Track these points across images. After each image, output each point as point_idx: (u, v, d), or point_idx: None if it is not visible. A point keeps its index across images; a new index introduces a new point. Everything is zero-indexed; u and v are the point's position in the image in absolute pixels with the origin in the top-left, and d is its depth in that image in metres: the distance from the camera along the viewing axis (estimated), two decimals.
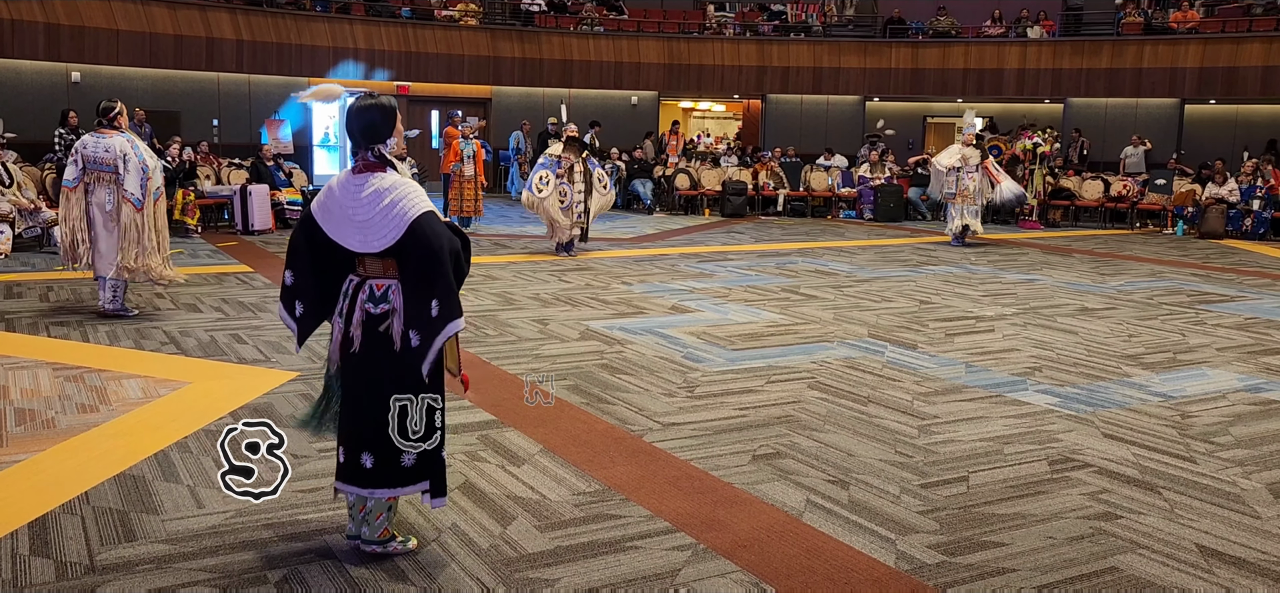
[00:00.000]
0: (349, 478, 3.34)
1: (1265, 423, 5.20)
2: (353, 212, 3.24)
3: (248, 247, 11.59)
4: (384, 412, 3.27)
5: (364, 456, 3.29)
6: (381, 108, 3.32)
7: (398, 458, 3.29)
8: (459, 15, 19.99)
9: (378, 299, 3.27)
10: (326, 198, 3.34)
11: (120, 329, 6.91)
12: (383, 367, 3.26)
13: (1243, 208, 14.81)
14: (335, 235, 3.30)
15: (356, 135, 3.30)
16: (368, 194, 3.22)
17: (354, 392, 3.33)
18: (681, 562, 3.42)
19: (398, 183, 3.24)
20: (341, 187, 3.30)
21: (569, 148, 11.07)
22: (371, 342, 3.27)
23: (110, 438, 4.57)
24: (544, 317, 7.61)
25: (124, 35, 16.55)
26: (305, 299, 3.41)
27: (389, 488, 3.31)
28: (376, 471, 3.29)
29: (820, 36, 21.33)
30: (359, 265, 3.33)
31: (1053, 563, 3.47)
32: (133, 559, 3.32)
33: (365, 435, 3.30)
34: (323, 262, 3.38)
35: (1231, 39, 18.59)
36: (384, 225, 3.19)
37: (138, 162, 7.07)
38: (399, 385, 3.25)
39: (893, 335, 7.22)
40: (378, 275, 3.29)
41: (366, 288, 3.29)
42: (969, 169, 12.93)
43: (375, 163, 3.29)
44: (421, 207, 3.21)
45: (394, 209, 3.18)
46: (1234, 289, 9.77)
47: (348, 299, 3.33)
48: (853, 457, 4.53)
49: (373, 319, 3.27)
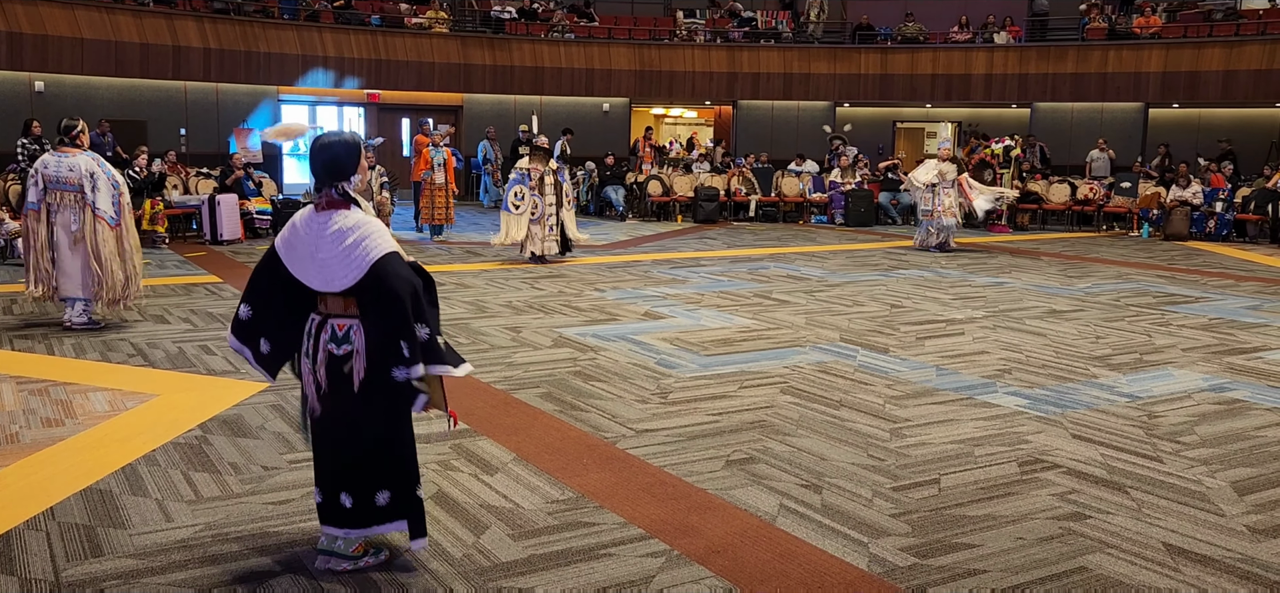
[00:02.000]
0: (330, 520, 3.33)
1: (1229, 422, 5.28)
2: (315, 249, 3.22)
3: (216, 257, 11.48)
4: (354, 451, 3.26)
5: (343, 495, 3.29)
6: (345, 144, 3.30)
7: (373, 498, 3.28)
8: (429, 23, 19.92)
9: (340, 340, 3.25)
10: (290, 234, 3.31)
11: (86, 341, 6.81)
12: (350, 407, 3.24)
13: (1206, 210, 15.03)
14: (298, 273, 3.28)
15: (319, 172, 3.27)
16: (331, 233, 3.20)
17: (324, 432, 3.32)
18: (655, 568, 3.42)
19: (361, 222, 3.22)
20: (305, 223, 3.28)
21: (536, 158, 11.08)
22: (337, 383, 3.25)
23: (76, 452, 4.51)
24: (516, 324, 7.59)
25: (88, 44, 16.34)
26: (270, 337, 3.39)
27: (367, 527, 3.32)
28: (355, 510, 3.29)
29: (790, 43, 21.45)
30: (320, 303, 3.30)
31: (1023, 564, 3.51)
32: (99, 575, 3.28)
33: (340, 475, 3.29)
34: (288, 298, 3.35)
35: (1193, 44, 18.89)
36: (345, 265, 3.17)
37: (107, 178, 6.97)
38: (363, 425, 3.24)
39: (864, 340, 7.26)
40: (339, 314, 3.26)
41: (329, 327, 3.27)
42: (946, 184, 13.00)
43: (339, 200, 3.26)
44: (384, 248, 3.18)
45: (356, 250, 3.16)
46: (1198, 290, 9.92)
47: (311, 339, 3.30)
48: (825, 461, 4.55)
49: (336, 360, 3.25)
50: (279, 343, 3.41)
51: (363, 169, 3.36)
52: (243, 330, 3.40)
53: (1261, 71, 18.05)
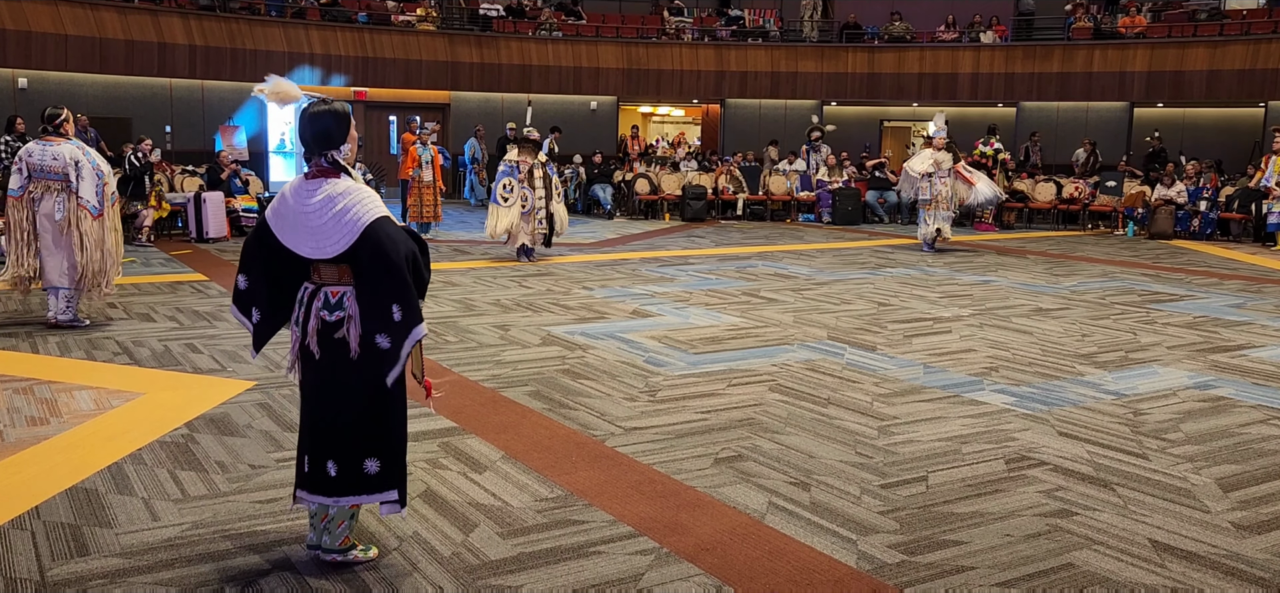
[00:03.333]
0: (313, 486, 3.30)
1: (1214, 419, 5.32)
2: (306, 217, 3.21)
3: (202, 255, 11.42)
4: (346, 418, 3.25)
5: (329, 463, 3.26)
6: (335, 113, 3.29)
7: (361, 465, 3.26)
8: (417, 20, 19.86)
9: (333, 306, 3.24)
10: (280, 204, 3.31)
11: (71, 340, 6.77)
12: (342, 373, 3.23)
13: (1190, 209, 15.13)
14: (288, 242, 3.27)
15: (310, 141, 3.27)
16: (320, 199, 3.19)
17: (315, 399, 3.30)
18: (644, 566, 3.42)
19: (351, 188, 3.22)
20: (295, 192, 3.27)
21: (525, 150, 11.04)
22: (329, 349, 3.24)
23: (61, 451, 4.48)
24: (505, 322, 7.58)
25: (72, 40, 16.23)
26: (261, 306, 3.39)
27: (354, 495, 3.28)
28: (341, 478, 3.26)
29: (778, 42, 21.49)
30: (313, 272, 3.30)
31: (1010, 560, 3.52)
32: (85, 574, 3.26)
33: (329, 443, 3.27)
34: (278, 268, 3.35)
35: (1177, 44, 19.01)
36: (337, 231, 3.16)
37: (92, 168, 6.92)
38: (357, 391, 3.23)
39: (852, 337, 7.28)
40: (333, 282, 3.26)
41: (321, 295, 3.26)
42: (941, 174, 12.69)
43: (328, 168, 3.26)
44: (375, 212, 3.18)
45: (347, 215, 3.15)
46: (1183, 288, 9.98)
47: (303, 307, 3.29)
48: (813, 458, 4.56)
49: (329, 326, 3.24)
50: (269, 313, 3.40)
51: (352, 138, 3.35)
52: (242, 300, 3.41)
53: (1245, 71, 18.18)
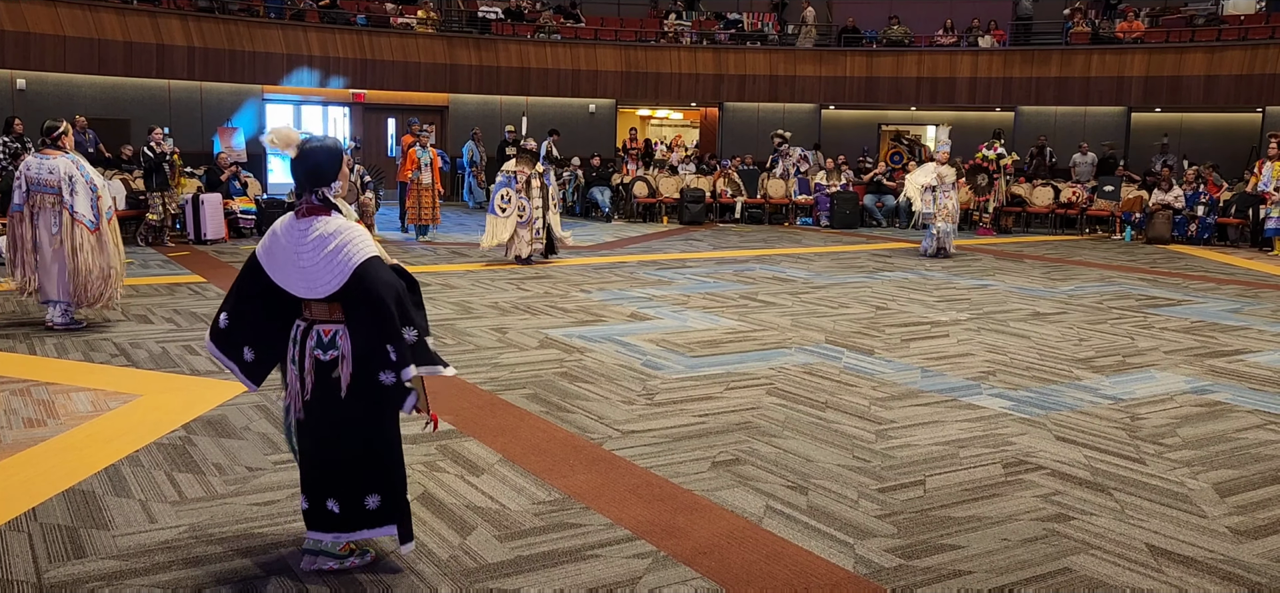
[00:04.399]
0: (318, 525, 3.31)
1: (1211, 424, 5.32)
2: (297, 256, 3.21)
3: (200, 256, 11.41)
4: (342, 455, 3.25)
5: (330, 501, 3.28)
6: (327, 150, 3.27)
7: (363, 501, 3.27)
8: (417, 23, 19.86)
9: (326, 345, 3.24)
10: (271, 241, 3.30)
11: (68, 342, 6.77)
12: (336, 411, 3.23)
13: (1188, 214, 15.15)
14: (280, 280, 3.26)
15: (301, 178, 3.25)
16: (313, 239, 3.19)
17: (312, 438, 3.30)
18: (642, 569, 3.42)
19: (343, 227, 3.21)
20: (286, 230, 3.26)
21: (522, 160, 11.06)
22: (324, 388, 3.24)
23: (58, 453, 4.48)
24: (503, 325, 7.58)
25: (71, 41, 16.22)
26: (254, 345, 3.38)
27: (357, 531, 3.31)
28: (344, 515, 3.28)
29: (776, 45, 21.50)
30: (305, 309, 3.29)
31: (1007, 565, 3.53)
32: (82, 576, 3.25)
33: (328, 481, 3.28)
34: (270, 306, 3.33)
35: (1175, 49, 19.03)
36: (328, 271, 3.16)
37: (85, 182, 6.92)
38: (355, 428, 3.23)
39: (850, 341, 7.28)
40: (324, 320, 3.25)
41: (314, 334, 3.25)
42: (945, 187, 12.56)
43: (320, 206, 3.25)
44: (366, 252, 3.17)
45: (339, 255, 3.15)
46: (1180, 293, 9.99)
47: (297, 346, 3.29)
48: (811, 462, 4.56)
49: (323, 366, 3.24)
50: (263, 351, 3.40)
51: (344, 174, 3.34)
52: (223, 339, 3.38)
53: (1242, 77, 18.21)
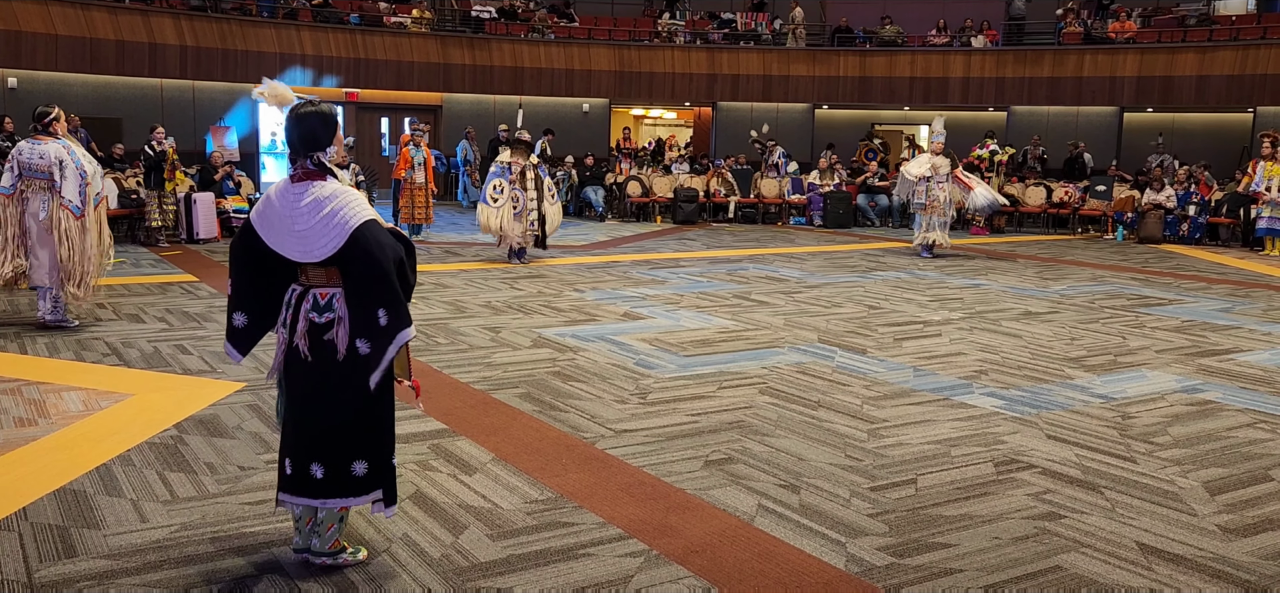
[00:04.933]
0: (297, 489, 3.29)
1: (1202, 423, 5.34)
2: (292, 221, 3.20)
3: (192, 255, 11.38)
4: (333, 420, 3.24)
5: (314, 466, 3.26)
6: (321, 115, 3.28)
7: (349, 467, 3.26)
8: (411, 22, 19.83)
9: (322, 308, 3.23)
10: (266, 207, 3.29)
11: (60, 341, 6.75)
12: (329, 375, 3.23)
13: (1179, 214, 15.20)
14: (275, 245, 3.26)
15: (295, 143, 3.26)
16: (307, 203, 3.18)
17: (301, 401, 3.29)
18: (634, 568, 3.42)
19: (338, 191, 3.21)
20: (280, 195, 3.26)
21: (517, 151, 11.04)
22: (318, 351, 3.23)
23: (49, 452, 4.46)
24: (495, 324, 7.58)
25: (63, 40, 16.17)
26: (247, 310, 3.37)
27: (341, 498, 3.28)
28: (328, 480, 3.26)
29: (769, 45, 21.52)
30: (301, 274, 3.29)
31: (999, 563, 3.54)
32: (73, 575, 3.25)
33: (315, 445, 3.26)
34: (264, 271, 3.33)
35: (1166, 49, 19.10)
36: (324, 234, 3.15)
37: (75, 168, 6.91)
38: (347, 394, 3.23)
39: (842, 341, 7.29)
40: (321, 284, 3.26)
41: (310, 297, 3.26)
42: (939, 178, 12.36)
43: (314, 171, 3.25)
44: (363, 215, 3.17)
45: (335, 217, 3.15)
46: (1172, 293, 10.03)
47: (291, 309, 3.28)
48: (803, 461, 4.57)
49: (318, 328, 3.23)
50: (254, 316, 3.38)
51: (339, 140, 3.34)
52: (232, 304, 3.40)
53: (1234, 77, 18.28)
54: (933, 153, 12.62)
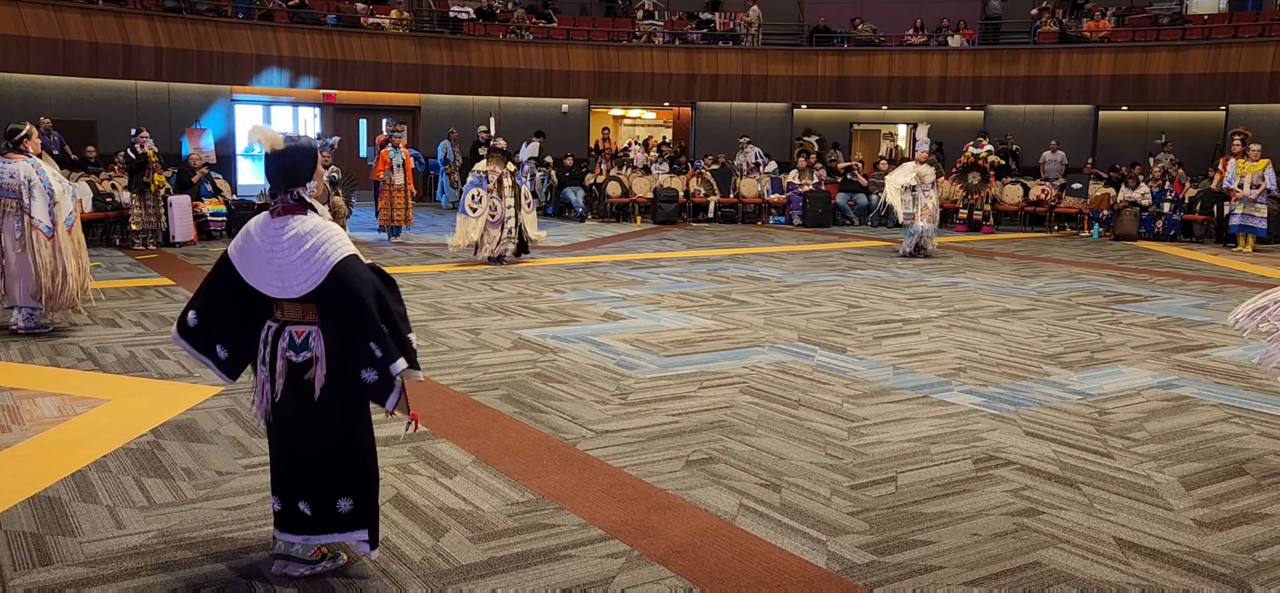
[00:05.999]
0: (289, 527, 3.29)
1: (1178, 418, 5.40)
2: (272, 256, 3.17)
3: (168, 259, 11.29)
4: (314, 459, 3.23)
5: (301, 504, 3.26)
6: (301, 150, 3.25)
7: (334, 504, 3.25)
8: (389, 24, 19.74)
9: (299, 347, 3.20)
10: (244, 242, 3.26)
11: (34, 346, 6.67)
12: (309, 413, 3.21)
13: (1154, 211, 15.35)
14: (253, 281, 3.22)
15: (275, 177, 3.22)
16: (288, 238, 3.15)
17: (284, 440, 3.28)
18: (616, 569, 3.42)
19: (319, 226, 3.18)
20: (260, 230, 3.23)
21: (494, 159, 11.04)
22: (296, 389, 3.21)
23: (23, 459, 4.42)
24: (476, 326, 7.56)
25: (35, 41, 15.99)
26: (228, 344, 3.34)
27: (327, 534, 3.28)
28: (315, 518, 3.26)
29: (748, 45, 21.57)
30: (276, 309, 3.25)
31: (978, 559, 3.56)
32: (48, 584, 3.21)
33: (300, 483, 3.25)
34: (242, 307, 3.30)
35: (1141, 48, 19.28)
36: (305, 270, 3.13)
37: (43, 187, 6.82)
38: (328, 430, 3.21)
39: (822, 339, 7.32)
40: (297, 321, 3.22)
41: (286, 335, 3.22)
42: (925, 187, 12.29)
43: (294, 206, 3.22)
44: (343, 251, 3.15)
45: (315, 254, 3.12)
46: (1147, 289, 10.12)
47: (268, 347, 3.25)
48: (784, 460, 4.58)
49: (296, 368, 3.21)
50: (236, 349, 3.36)
51: (319, 174, 3.32)
52: (193, 336, 3.34)
53: (1206, 75, 18.48)
54: (917, 161, 12.57)
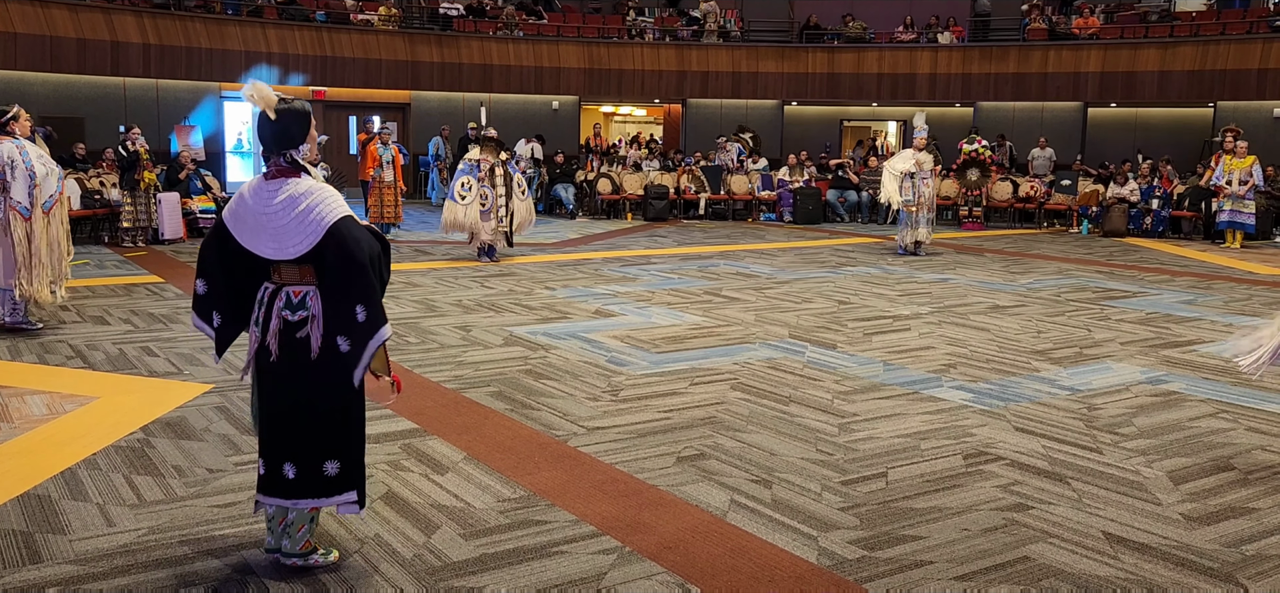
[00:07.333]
0: (271, 489, 3.27)
1: (1166, 414, 5.43)
2: (267, 218, 3.17)
3: (158, 256, 11.25)
4: (305, 420, 3.22)
5: (286, 466, 3.23)
6: (295, 112, 3.25)
7: (321, 467, 3.24)
8: (379, 20, 19.68)
9: (295, 306, 3.21)
10: (238, 205, 3.26)
11: (22, 343, 6.64)
12: (302, 375, 3.20)
13: (1143, 207, 15.41)
14: (248, 243, 3.22)
15: (269, 141, 3.23)
16: (282, 200, 3.16)
17: (274, 401, 3.26)
18: (607, 565, 3.43)
19: (313, 188, 3.19)
20: (254, 193, 3.23)
21: (486, 148, 11.01)
22: (290, 350, 3.20)
23: (12, 457, 4.40)
24: (467, 323, 7.55)
25: (22, 38, 15.90)
26: (222, 309, 3.34)
27: (313, 498, 3.26)
28: (299, 481, 3.23)
29: (739, 42, 21.57)
30: (274, 272, 3.25)
31: (968, 554, 3.58)
32: (38, 582, 3.20)
33: (287, 445, 3.23)
34: (237, 270, 3.30)
35: (1129, 45, 19.35)
36: (300, 231, 3.13)
37: (25, 169, 6.79)
38: (319, 393, 3.20)
39: (813, 336, 7.33)
40: (294, 282, 3.22)
41: (283, 295, 3.23)
42: (923, 175, 12.06)
43: (288, 168, 3.22)
44: (339, 211, 3.15)
45: (310, 214, 3.12)
46: (1136, 285, 10.17)
47: (263, 308, 3.25)
48: (775, 456, 4.59)
49: (291, 327, 3.20)
50: (230, 316, 3.35)
51: (312, 137, 3.31)
52: (201, 305, 3.35)
53: (1195, 72, 18.55)
54: (915, 148, 12.32)
